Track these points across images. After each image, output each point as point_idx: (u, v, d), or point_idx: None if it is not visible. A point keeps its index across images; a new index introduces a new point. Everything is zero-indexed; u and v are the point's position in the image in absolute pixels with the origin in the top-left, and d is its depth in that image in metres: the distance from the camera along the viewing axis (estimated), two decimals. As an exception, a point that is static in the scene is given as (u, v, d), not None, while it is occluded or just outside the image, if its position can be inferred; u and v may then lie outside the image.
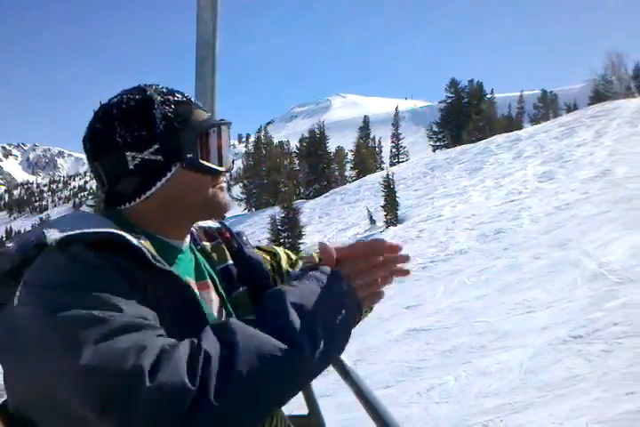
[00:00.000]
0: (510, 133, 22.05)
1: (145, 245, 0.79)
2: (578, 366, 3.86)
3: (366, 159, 33.77)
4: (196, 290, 0.87)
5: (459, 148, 24.37)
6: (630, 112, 16.97)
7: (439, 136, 38.21)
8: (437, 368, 4.72)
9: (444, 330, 5.63)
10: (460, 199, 12.73)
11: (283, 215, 19.89)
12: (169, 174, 0.87)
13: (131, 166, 0.86)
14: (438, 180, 18.66)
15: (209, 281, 0.95)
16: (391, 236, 11.14)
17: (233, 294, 0.98)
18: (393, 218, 13.12)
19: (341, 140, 63.36)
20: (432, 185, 18.01)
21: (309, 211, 23.87)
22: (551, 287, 5.79)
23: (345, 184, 29.99)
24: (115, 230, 0.75)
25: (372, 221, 14.10)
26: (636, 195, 7.87)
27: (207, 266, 0.98)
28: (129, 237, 0.75)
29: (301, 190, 35.31)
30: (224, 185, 0.95)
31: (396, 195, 14.20)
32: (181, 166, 0.87)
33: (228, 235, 1.07)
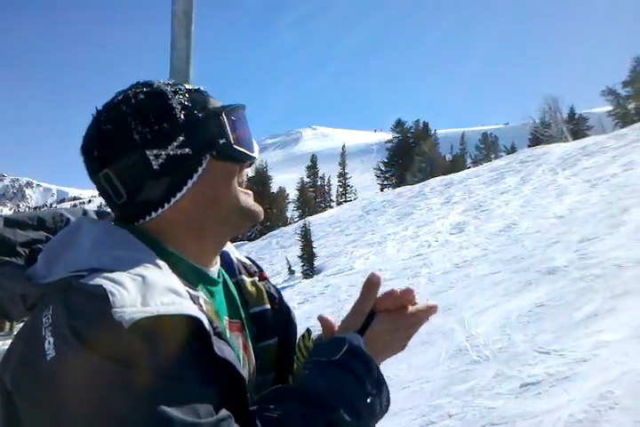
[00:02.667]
0: (445, 177, 22.44)
1: (207, 312, 0.72)
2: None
3: (309, 200, 33.87)
4: (227, 330, 0.82)
5: (397, 190, 24.64)
6: (555, 158, 17.47)
7: (386, 175, 38.81)
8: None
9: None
10: (376, 250, 12.63)
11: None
12: (200, 169, 0.79)
13: (155, 166, 0.77)
14: (370, 225, 18.66)
15: (239, 323, 0.88)
16: (296, 291, 10.88)
17: (262, 343, 0.92)
18: (309, 269, 12.90)
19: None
20: (363, 231, 17.97)
21: (245, 254, 23.43)
22: (417, 362, 5.57)
23: (286, 226, 29.82)
24: (195, 313, 0.66)
25: (291, 272, 13.83)
26: (528, 254, 7.86)
27: (240, 304, 0.91)
28: (205, 321, 0.68)
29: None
30: (249, 191, 0.87)
31: (313, 244, 14.01)
32: (212, 157, 0.80)
33: (265, 275, 1.01)
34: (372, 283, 0.85)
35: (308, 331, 0.99)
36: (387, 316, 0.84)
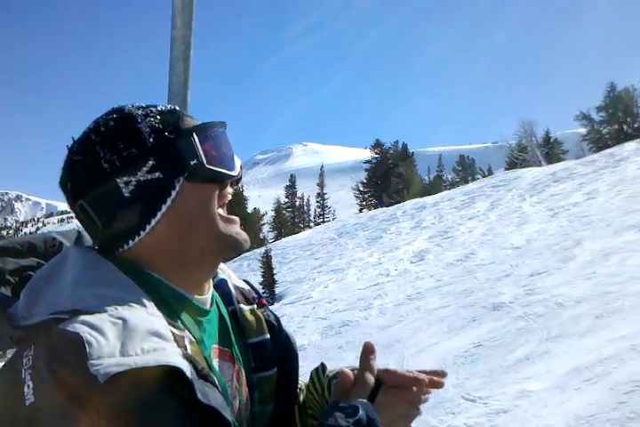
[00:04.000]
0: (419, 200, 22.48)
1: (193, 354, 0.71)
2: None
3: (285, 221, 33.73)
4: (214, 359, 0.81)
5: (371, 212, 24.61)
6: (526, 184, 17.57)
7: (365, 196, 38.86)
8: None
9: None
10: (338, 277, 12.49)
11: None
12: (173, 193, 0.77)
13: (126, 194, 0.76)
14: (340, 249, 18.53)
15: (230, 352, 0.85)
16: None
17: (261, 373, 0.90)
18: (270, 296, 12.71)
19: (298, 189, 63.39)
20: (331, 255, 17.83)
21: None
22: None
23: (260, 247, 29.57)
24: (175, 362, 0.63)
25: (253, 298, 13.58)
26: (478, 287, 7.78)
27: (233, 334, 0.88)
28: (187, 370, 0.65)
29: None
30: (234, 217, 0.85)
31: (274, 271, 13.83)
32: (185, 179, 0.77)
33: (264, 302, 0.98)
34: (367, 351, 0.85)
35: (323, 366, 0.98)
36: (392, 391, 0.82)
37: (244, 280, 1.03)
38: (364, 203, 38.76)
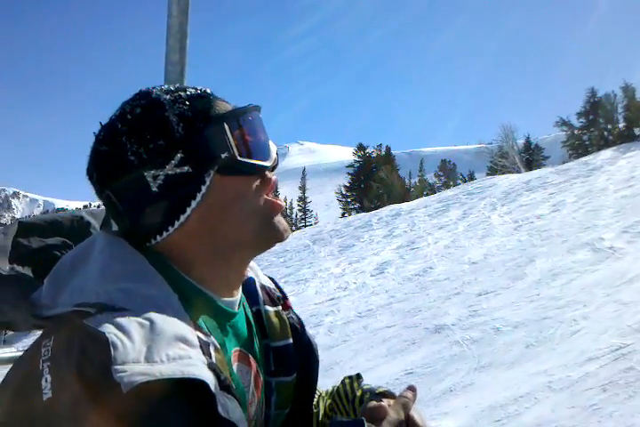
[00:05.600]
0: (395, 206, 22.37)
1: (217, 363, 0.67)
2: None
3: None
4: (234, 362, 0.79)
5: (349, 218, 24.47)
6: (500, 192, 17.51)
7: (348, 200, 38.71)
8: None
9: None
10: (299, 289, 12.31)
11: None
12: (204, 188, 0.73)
13: (154, 188, 0.72)
14: (312, 257, 18.34)
15: (252, 356, 0.83)
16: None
17: (280, 378, 0.87)
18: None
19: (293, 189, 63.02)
20: (302, 263, 17.63)
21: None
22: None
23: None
24: (200, 375, 0.61)
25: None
26: (427, 305, 7.64)
27: (256, 337, 0.85)
28: (212, 383, 0.62)
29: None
30: (279, 202, 0.80)
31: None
32: (217, 173, 0.73)
33: (289, 304, 0.96)
34: (412, 393, 0.87)
35: (359, 375, 1.02)
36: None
37: (270, 278, 0.99)
38: (346, 207, 38.64)
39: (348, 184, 39.65)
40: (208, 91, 0.80)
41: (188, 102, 0.76)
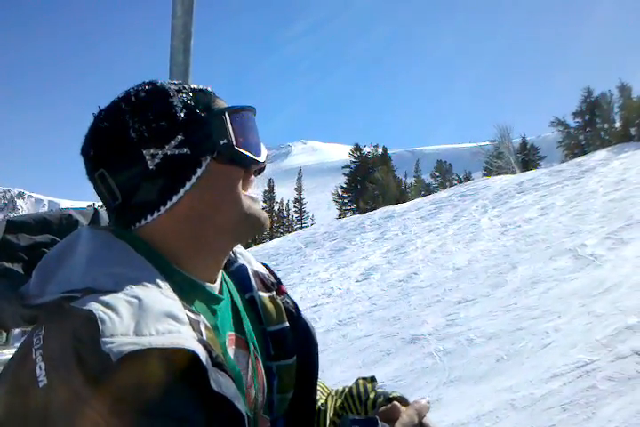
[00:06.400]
0: (389, 208, 22.27)
1: (208, 340, 0.68)
2: None
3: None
4: (230, 346, 0.80)
5: (342, 220, 24.38)
6: (492, 194, 17.42)
7: (345, 201, 38.59)
8: None
9: None
10: (285, 294, 12.24)
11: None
12: (199, 171, 0.76)
13: (151, 166, 0.74)
14: (303, 260, 18.23)
15: (246, 340, 0.84)
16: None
17: (280, 362, 0.89)
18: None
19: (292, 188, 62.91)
20: (293, 267, 17.53)
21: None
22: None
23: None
24: (191, 346, 0.62)
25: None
26: (406, 314, 7.56)
27: (249, 322, 0.87)
28: (202, 354, 0.63)
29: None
30: (255, 196, 0.83)
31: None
32: (213, 158, 0.77)
33: (284, 289, 0.97)
34: (425, 407, 0.94)
35: (373, 378, 1.04)
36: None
37: (264, 264, 1.00)
38: (343, 208, 38.49)
39: (344, 185, 39.54)
40: (210, 89, 0.84)
41: (191, 93, 0.79)
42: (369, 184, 32.46)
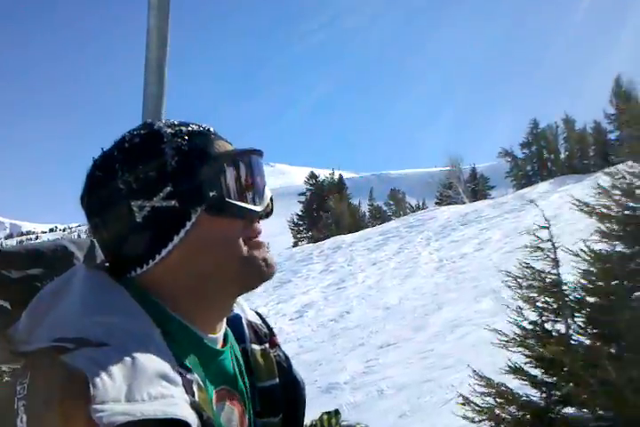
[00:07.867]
0: (338, 238, 22.27)
1: (200, 402, 0.66)
2: None
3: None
4: (219, 402, 0.77)
5: (293, 249, 24.27)
6: (437, 226, 17.60)
7: (300, 229, 38.42)
8: None
9: None
10: (220, 332, 11.97)
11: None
12: (188, 224, 0.72)
13: (138, 219, 0.72)
14: (248, 294, 17.95)
15: (239, 395, 0.81)
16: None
17: (265, 419, 0.86)
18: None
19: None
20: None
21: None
22: None
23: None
24: (183, 416, 0.60)
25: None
26: (330, 358, 7.43)
27: (244, 375, 0.83)
28: (194, 423, 0.61)
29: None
30: (260, 240, 0.78)
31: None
32: (204, 211, 0.73)
33: (276, 341, 0.93)
34: None
35: (337, 412, 1.02)
36: None
37: (257, 313, 0.96)
38: (298, 236, 38.30)
39: (300, 213, 39.46)
40: (211, 129, 0.80)
41: (187, 137, 0.76)
42: (322, 213, 32.54)
